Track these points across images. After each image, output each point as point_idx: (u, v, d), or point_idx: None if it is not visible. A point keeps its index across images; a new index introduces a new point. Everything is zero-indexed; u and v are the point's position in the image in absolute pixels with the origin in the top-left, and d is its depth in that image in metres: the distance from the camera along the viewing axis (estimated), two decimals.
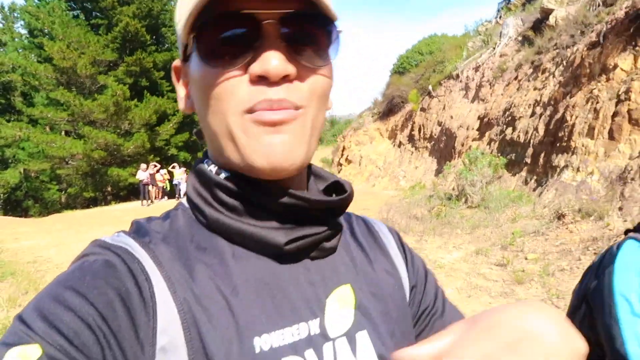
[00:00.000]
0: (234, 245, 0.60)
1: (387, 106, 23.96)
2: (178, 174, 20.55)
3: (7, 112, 30.46)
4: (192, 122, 29.86)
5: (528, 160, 11.24)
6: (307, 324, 0.59)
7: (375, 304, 0.66)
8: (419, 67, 24.04)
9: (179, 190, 20.35)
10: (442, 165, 15.74)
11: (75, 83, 25.08)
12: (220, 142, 0.58)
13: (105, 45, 25.62)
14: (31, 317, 0.48)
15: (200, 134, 0.71)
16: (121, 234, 0.60)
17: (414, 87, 21.88)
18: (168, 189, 20.81)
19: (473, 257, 7.39)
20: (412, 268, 0.77)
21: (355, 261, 0.69)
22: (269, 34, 0.54)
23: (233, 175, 0.60)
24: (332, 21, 0.59)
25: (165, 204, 18.70)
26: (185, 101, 0.65)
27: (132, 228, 0.62)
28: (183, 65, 0.64)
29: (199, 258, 0.58)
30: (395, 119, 23.05)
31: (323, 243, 0.64)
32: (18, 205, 30.82)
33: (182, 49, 0.61)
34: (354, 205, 0.69)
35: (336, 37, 0.60)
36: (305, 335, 0.58)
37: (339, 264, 0.66)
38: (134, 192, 24.28)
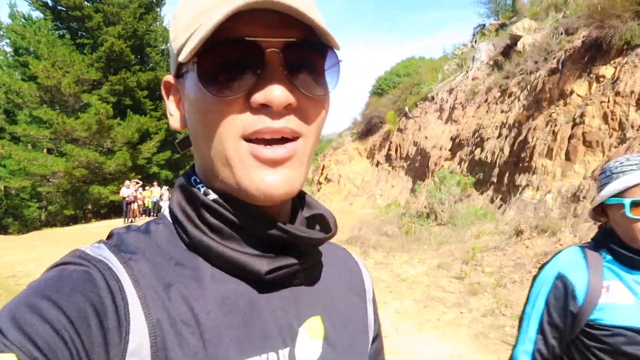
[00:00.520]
0: (213, 267, 0.59)
1: (366, 126, 24.55)
2: (156, 192, 20.82)
3: None
4: (174, 141, 30.03)
5: (494, 180, 11.75)
6: (277, 353, 0.59)
7: (342, 339, 0.67)
8: (397, 89, 24.70)
9: (158, 208, 20.62)
10: (417, 184, 16.23)
11: (59, 101, 25.20)
12: (215, 165, 0.58)
13: (89, 65, 25.86)
14: (6, 325, 0.47)
15: (182, 144, 0.73)
16: (102, 245, 0.59)
17: (392, 108, 22.52)
18: (149, 206, 21.03)
19: (435, 270, 7.79)
20: (375, 321, 0.79)
21: (330, 293, 0.70)
22: (271, 61, 0.54)
23: (222, 197, 0.59)
24: (333, 50, 0.59)
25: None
26: (177, 118, 0.64)
27: (113, 240, 0.61)
28: (176, 82, 0.63)
29: (177, 277, 0.57)
30: (373, 138, 23.63)
31: (302, 273, 0.64)
32: None
33: (176, 66, 0.61)
34: None
35: (336, 67, 0.60)
36: None
37: (315, 294, 0.67)
38: (114, 209, 24.32)
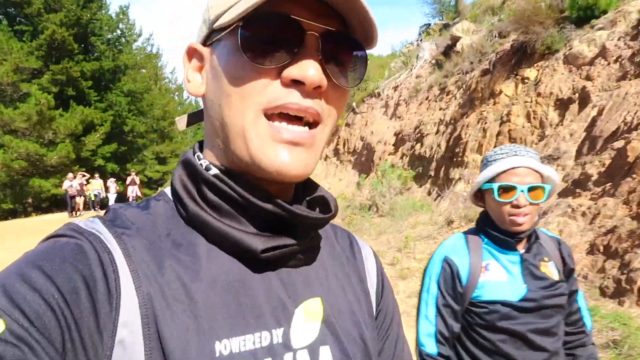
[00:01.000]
0: (210, 244, 0.60)
1: None
2: (97, 185, 20.29)
3: None
4: (121, 133, 29.39)
5: (432, 174, 12.42)
6: (271, 332, 0.58)
7: (342, 322, 0.66)
8: None
9: (99, 201, 20.15)
10: (361, 178, 16.80)
11: None
12: (229, 136, 0.58)
13: (29, 53, 24.85)
14: None
15: (192, 119, 0.74)
16: (96, 219, 0.59)
17: None
18: (93, 199, 20.52)
19: None
20: (382, 299, 0.78)
21: (330, 277, 0.70)
22: (310, 44, 0.56)
23: (225, 173, 0.60)
24: (364, 49, 0.61)
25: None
26: (197, 84, 0.64)
27: (108, 215, 0.61)
28: (203, 49, 0.63)
29: (172, 253, 0.57)
30: None
31: (300, 254, 0.64)
32: None
33: (207, 33, 0.62)
34: None
35: (364, 65, 0.62)
36: (267, 344, 0.57)
37: (313, 276, 0.67)
38: (56, 203, 23.63)
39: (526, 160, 1.56)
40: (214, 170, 0.60)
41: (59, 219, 18.47)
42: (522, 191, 1.54)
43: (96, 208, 20.22)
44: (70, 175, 19.52)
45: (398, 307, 0.83)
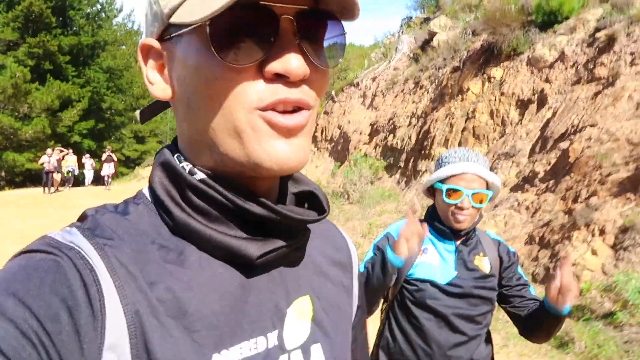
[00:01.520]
0: (201, 251, 0.56)
1: None
2: (71, 161, 20.14)
3: None
4: (99, 110, 29.13)
5: (402, 165, 12.90)
6: (266, 337, 0.58)
7: (329, 317, 0.67)
8: None
9: (71, 178, 20.03)
10: (335, 166, 17.24)
11: None
12: (217, 137, 0.54)
13: (5, 24, 24.46)
14: None
15: (145, 115, 0.69)
16: (74, 230, 0.53)
17: None
18: (66, 175, 20.36)
19: None
20: (360, 292, 0.79)
21: (317, 272, 0.69)
22: (285, 29, 0.51)
23: (210, 177, 0.56)
24: (340, 22, 0.57)
25: (70, 193, 18.52)
26: (161, 87, 0.58)
27: (86, 223, 0.56)
28: (161, 46, 0.57)
29: (160, 264, 0.54)
30: None
31: (290, 253, 0.62)
32: None
33: (162, 28, 0.55)
34: None
35: (343, 39, 0.58)
36: (263, 349, 0.57)
37: (302, 274, 0.66)
38: (30, 178, 23.48)
39: (475, 167, 1.71)
40: (199, 175, 0.56)
41: (33, 194, 18.45)
42: (467, 195, 1.69)
43: (69, 185, 20.10)
44: (49, 150, 19.21)
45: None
